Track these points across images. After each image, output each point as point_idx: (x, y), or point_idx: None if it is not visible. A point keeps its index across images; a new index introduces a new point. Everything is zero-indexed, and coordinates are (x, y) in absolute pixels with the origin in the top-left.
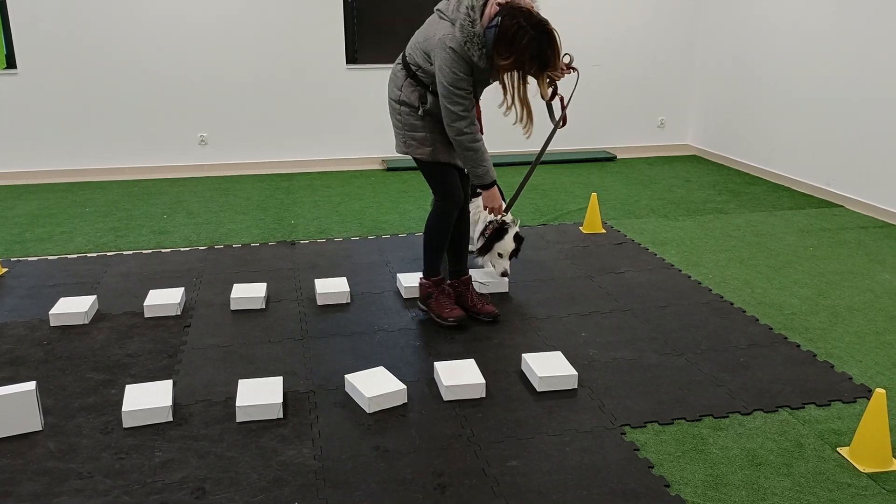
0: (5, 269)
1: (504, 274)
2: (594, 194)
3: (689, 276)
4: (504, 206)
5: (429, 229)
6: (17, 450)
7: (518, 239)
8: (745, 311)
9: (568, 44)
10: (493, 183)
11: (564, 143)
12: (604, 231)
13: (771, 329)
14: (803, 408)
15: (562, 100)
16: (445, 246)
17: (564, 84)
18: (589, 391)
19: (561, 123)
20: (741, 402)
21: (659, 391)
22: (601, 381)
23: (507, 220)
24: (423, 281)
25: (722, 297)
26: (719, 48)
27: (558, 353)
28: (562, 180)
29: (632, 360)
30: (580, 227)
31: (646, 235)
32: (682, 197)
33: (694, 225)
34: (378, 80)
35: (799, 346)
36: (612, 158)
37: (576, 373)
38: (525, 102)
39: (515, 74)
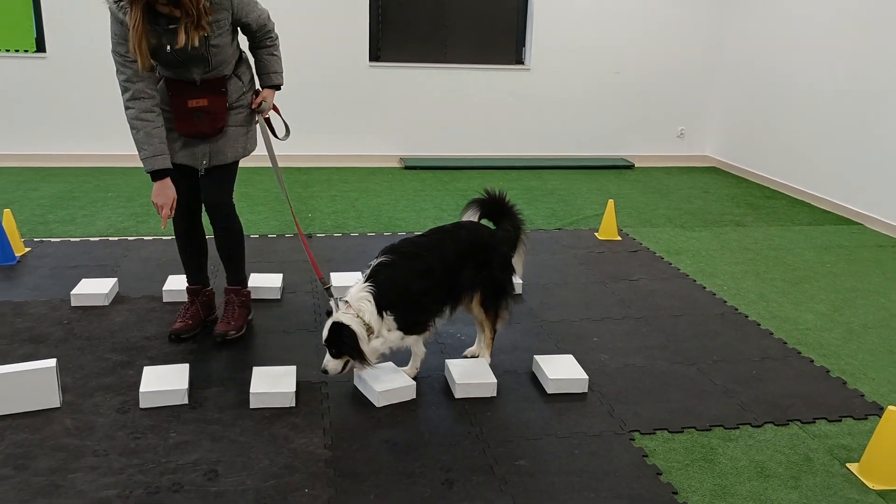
0: (28, 249)
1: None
2: (611, 201)
3: (704, 287)
4: (171, 204)
5: None
6: (35, 425)
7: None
8: (759, 324)
9: (590, 51)
10: (159, 173)
11: (582, 149)
12: (619, 238)
13: (785, 343)
14: (814, 422)
15: (276, 109)
16: (184, 254)
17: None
18: (599, 395)
19: (285, 135)
20: (752, 413)
21: (669, 399)
22: (612, 386)
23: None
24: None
25: (736, 310)
26: (742, 60)
27: (570, 357)
28: (578, 186)
29: (643, 366)
30: (595, 233)
31: (661, 244)
32: (699, 208)
33: (710, 236)
34: (400, 78)
35: (812, 361)
36: (629, 167)
37: (587, 377)
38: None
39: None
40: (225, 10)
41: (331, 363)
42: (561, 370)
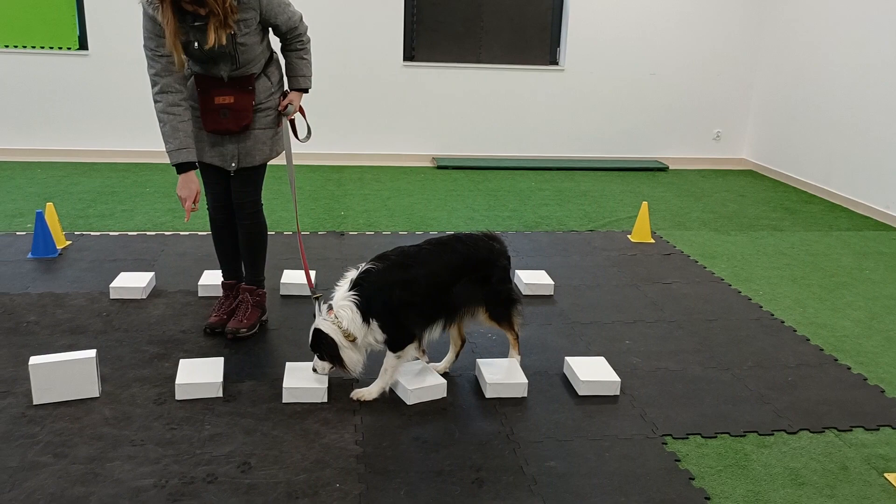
0: (69, 242)
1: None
2: (645, 203)
3: (739, 292)
4: (194, 198)
5: None
6: (75, 414)
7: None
8: (795, 331)
9: (625, 52)
10: (184, 167)
11: (615, 150)
12: (652, 241)
13: (821, 350)
14: (850, 430)
15: (302, 111)
16: (220, 248)
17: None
18: (631, 398)
19: (306, 137)
20: (787, 420)
21: (703, 404)
22: (644, 389)
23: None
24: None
25: (772, 315)
26: (780, 62)
27: (601, 359)
28: (611, 188)
29: (676, 371)
30: (628, 236)
31: (696, 248)
32: (735, 211)
33: (746, 240)
34: (434, 78)
35: (850, 368)
36: (663, 169)
37: (618, 379)
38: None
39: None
40: (252, 10)
41: (318, 364)
42: (592, 372)
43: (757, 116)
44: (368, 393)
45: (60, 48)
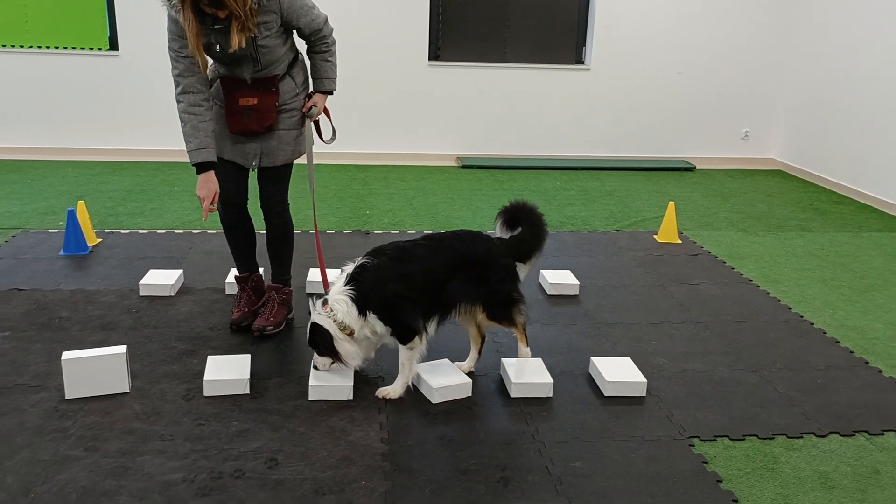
0: (99, 240)
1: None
2: (672, 203)
3: (768, 293)
4: (214, 198)
5: None
6: (106, 409)
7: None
8: (825, 333)
9: (651, 51)
10: (203, 166)
11: (642, 150)
12: (679, 241)
13: (851, 352)
14: (882, 434)
15: (327, 112)
16: (233, 245)
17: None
18: (657, 400)
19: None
20: (816, 423)
21: (730, 406)
22: (670, 390)
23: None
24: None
25: (801, 317)
26: (810, 61)
27: (627, 360)
28: (637, 188)
29: (703, 372)
30: (655, 236)
31: (723, 248)
32: (763, 212)
33: (775, 241)
34: (459, 77)
35: (881, 371)
36: (691, 169)
37: (645, 380)
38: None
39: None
40: (273, 13)
41: (318, 360)
42: (618, 373)
43: (786, 116)
44: (393, 391)
45: (91, 49)
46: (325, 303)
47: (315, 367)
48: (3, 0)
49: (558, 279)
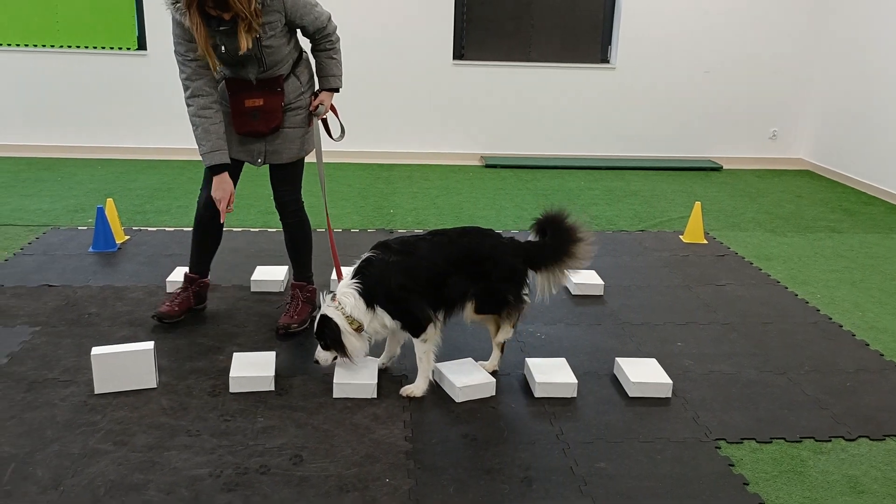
0: (128, 237)
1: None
2: (698, 203)
3: (796, 295)
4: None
5: None
6: (134, 404)
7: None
8: (854, 335)
9: (678, 49)
10: (218, 168)
11: (667, 150)
12: (705, 242)
13: (881, 355)
14: None
15: (334, 110)
16: (196, 243)
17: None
18: (683, 401)
19: (340, 136)
20: (845, 426)
21: (758, 408)
22: (696, 392)
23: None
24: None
25: (830, 319)
26: (840, 59)
27: (653, 361)
28: (662, 187)
29: (730, 374)
30: (680, 236)
31: (750, 249)
32: (791, 212)
33: (803, 242)
34: (483, 76)
35: None
36: (717, 168)
37: (670, 381)
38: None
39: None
40: (277, 13)
41: (321, 354)
42: (644, 374)
43: (814, 115)
44: (416, 388)
45: (120, 48)
46: (333, 297)
47: (316, 362)
48: (35, 1)
49: (582, 279)
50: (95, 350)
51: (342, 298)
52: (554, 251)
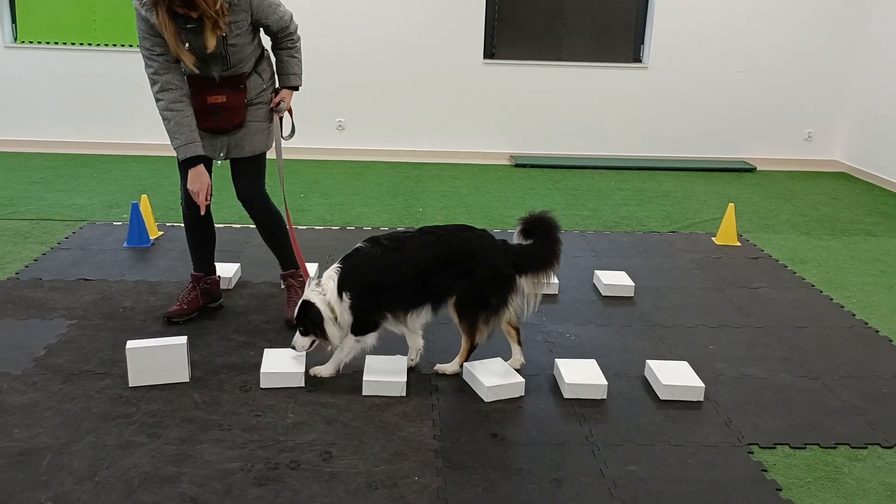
0: (161, 233)
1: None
2: (731, 204)
3: (831, 299)
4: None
5: None
6: (167, 397)
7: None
8: (891, 340)
9: (712, 49)
10: (193, 161)
11: (700, 150)
12: (739, 244)
13: None
14: None
15: (289, 110)
16: (191, 242)
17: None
18: (715, 405)
19: (290, 135)
20: (882, 433)
21: (791, 413)
22: (729, 396)
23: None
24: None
25: (866, 324)
26: (876, 60)
27: (684, 364)
28: (694, 188)
29: (763, 378)
30: (713, 238)
31: (784, 252)
32: (826, 215)
33: (839, 245)
34: (514, 76)
35: None
36: (751, 170)
37: (702, 385)
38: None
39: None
40: (244, 12)
41: (299, 340)
42: (675, 376)
43: (850, 117)
44: (324, 370)
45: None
46: (318, 282)
47: (293, 348)
48: (73, 1)
49: (613, 280)
50: (130, 344)
51: (325, 283)
52: (538, 257)
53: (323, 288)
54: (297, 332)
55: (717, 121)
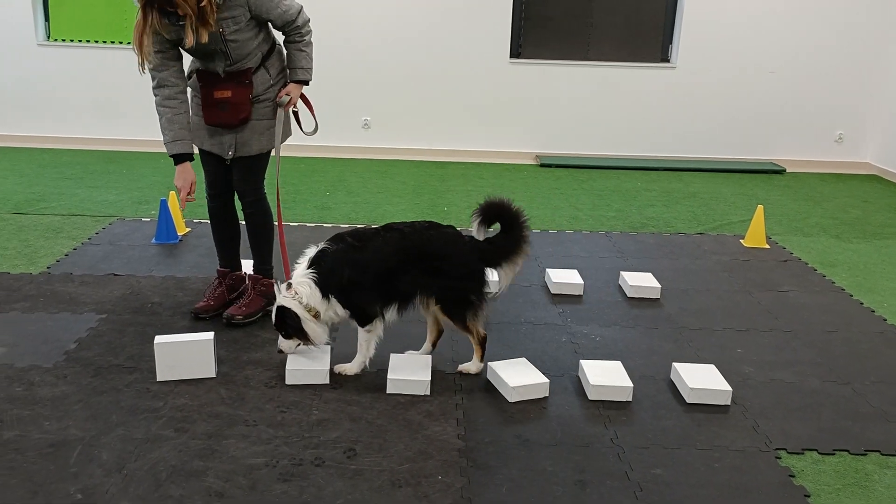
0: (189, 230)
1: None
2: (760, 206)
3: (861, 303)
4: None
5: None
6: (193, 392)
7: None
8: None
9: (742, 49)
10: (179, 157)
11: (728, 151)
12: (767, 246)
13: None
14: None
15: (308, 104)
16: (216, 237)
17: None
18: (742, 409)
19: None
20: None
21: (820, 418)
22: (756, 400)
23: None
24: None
25: None
26: None
27: (711, 367)
28: (722, 190)
29: (792, 383)
30: (741, 240)
31: (814, 255)
32: (857, 218)
33: (870, 249)
34: (540, 75)
35: None
36: (780, 171)
37: (730, 388)
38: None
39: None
40: (240, 7)
41: (283, 343)
42: (702, 380)
43: (882, 118)
44: (350, 368)
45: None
46: (289, 286)
47: (280, 352)
48: (106, 0)
49: (638, 281)
50: (158, 339)
51: (299, 288)
52: (505, 247)
53: (297, 292)
54: (280, 337)
55: (746, 121)
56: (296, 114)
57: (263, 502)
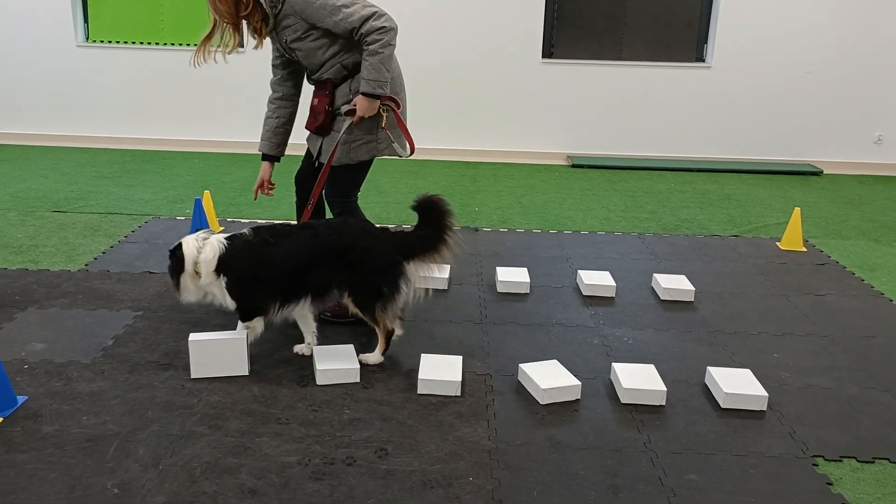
0: (222, 228)
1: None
2: (797, 209)
3: None
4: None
5: None
6: (227, 390)
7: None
8: None
9: (778, 48)
10: (263, 156)
11: (764, 153)
12: (804, 249)
13: None
14: None
15: (402, 126)
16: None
17: None
18: (779, 415)
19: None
20: None
21: (859, 426)
22: (793, 406)
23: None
24: None
25: None
26: None
27: (747, 371)
28: (758, 192)
29: (829, 388)
30: (777, 243)
31: (852, 258)
32: None
33: None
34: (572, 75)
35: None
36: (817, 173)
37: (766, 394)
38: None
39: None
40: (291, 16)
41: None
42: (737, 384)
43: None
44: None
45: (218, 47)
46: (206, 237)
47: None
48: (142, 1)
49: (672, 284)
50: (193, 336)
51: (205, 245)
52: (424, 241)
53: (202, 246)
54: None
55: (783, 122)
56: (352, 122)
57: (295, 500)
